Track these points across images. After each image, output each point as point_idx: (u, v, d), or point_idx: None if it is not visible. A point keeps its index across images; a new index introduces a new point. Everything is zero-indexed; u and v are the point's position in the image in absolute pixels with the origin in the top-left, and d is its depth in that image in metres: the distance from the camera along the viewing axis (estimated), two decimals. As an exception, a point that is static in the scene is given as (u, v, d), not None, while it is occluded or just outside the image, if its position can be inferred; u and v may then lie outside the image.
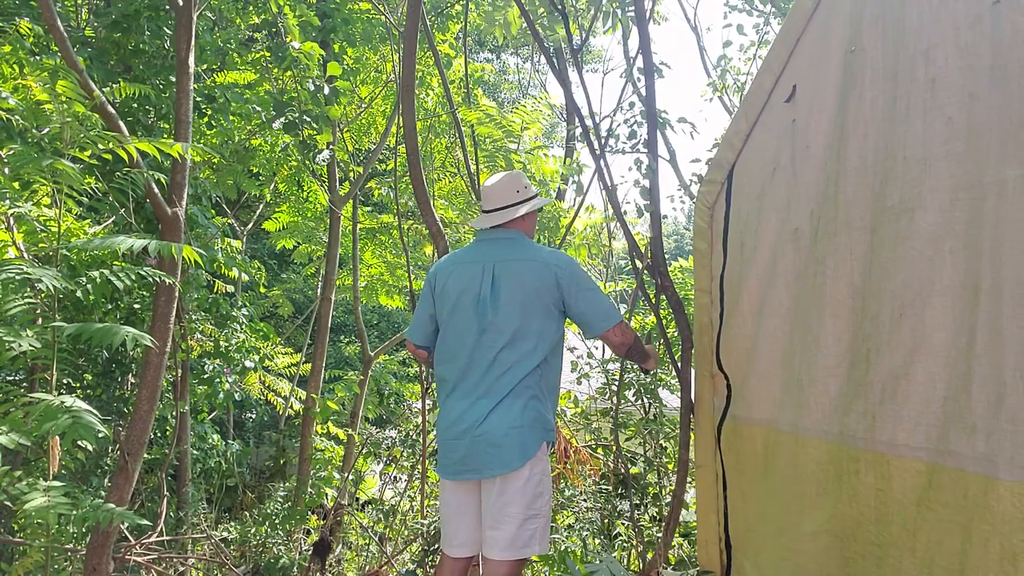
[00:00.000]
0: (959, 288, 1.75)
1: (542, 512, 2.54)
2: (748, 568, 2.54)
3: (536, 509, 2.52)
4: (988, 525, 1.64)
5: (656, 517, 4.27)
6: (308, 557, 5.02)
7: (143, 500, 5.45)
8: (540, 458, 2.55)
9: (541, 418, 2.57)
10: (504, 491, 2.50)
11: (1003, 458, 1.61)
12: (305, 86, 5.37)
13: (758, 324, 2.49)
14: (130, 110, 4.78)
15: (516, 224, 2.71)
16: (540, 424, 2.56)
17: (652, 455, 4.54)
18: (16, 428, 2.51)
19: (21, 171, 2.87)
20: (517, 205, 2.69)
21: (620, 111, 3.66)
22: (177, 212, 3.79)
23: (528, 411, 2.53)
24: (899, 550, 1.88)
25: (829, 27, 2.26)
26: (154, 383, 3.67)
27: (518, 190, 2.70)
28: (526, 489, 2.51)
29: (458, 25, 7.32)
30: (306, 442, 6.79)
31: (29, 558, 3.54)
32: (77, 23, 5.60)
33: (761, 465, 2.46)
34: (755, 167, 2.58)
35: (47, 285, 2.65)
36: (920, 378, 1.83)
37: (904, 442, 1.86)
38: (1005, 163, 1.66)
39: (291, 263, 10.97)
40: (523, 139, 5.71)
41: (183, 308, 5.15)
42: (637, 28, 3.31)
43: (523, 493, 2.51)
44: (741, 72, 6.57)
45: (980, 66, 1.75)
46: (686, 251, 12.87)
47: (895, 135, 1.97)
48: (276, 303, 10.97)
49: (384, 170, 9.68)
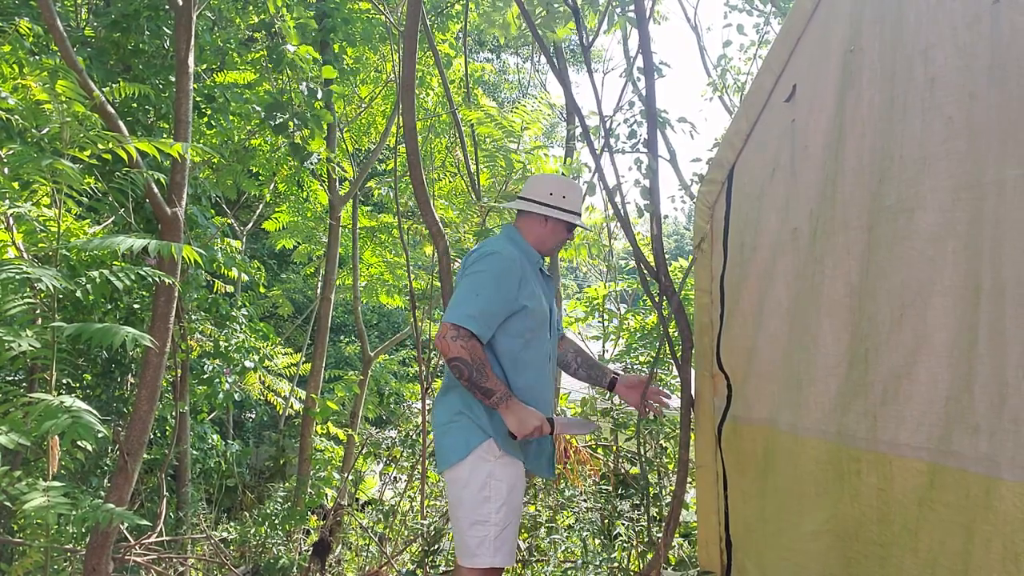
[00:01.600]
0: (960, 288, 1.75)
1: (492, 520, 2.35)
2: (749, 568, 2.54)
3: (483, 516, 2.35)
4: (990, 525, 1.64)
5: (656, 517, 4.27)
6: (308, 557, 5.02)
7: (143, 500, 5.45)
8: (484, 458, 2.37)
9: (473, 414, 2.40)
10: (448, 491, 2.44)
11: (1005, 458, 1.61)
12: (299, 89, 5.36)
13: (758, 324, 2.49)
14: (130, 110, 4.77)
15: (517, 219, 2.70)
16: (474, 421, 2.39)
17: (652, 455, 4.53)
18: (16, 428, 2.50)
19: (21, 171, 2.86)
20: (526, 201, 2.63)
21: (620, 111, 3.66)
22: (177, 212, 3.78)
23: (458, 405, 2.42)
24: (901, 550, 1.87)
25: (829, 27, 2.26)
26: (154, 383, 3.67)
27: (547, 193, 2.60)
28: (466, 492, 2.37)
29: (458, 25, 7.32)
30: (306, 442, 6.79)
31: (29, 558, 3.54)
32: (77, 23, 5.60)
33: (761, 465, 2.46)
34: (755, 167, 2.58)
35: (47, 285, 2.65)
36: (922, 378, 1.83)
37: (906, 442, 1.86)
38: (1005, 163, 1.66)
39: (291, 263, 10.97)
40: (523, 139, 5.71)
41: (183, 308, 5.15)
42: (637, 28, 3.31)
43: (463, 496, 2.37)
44: (741, 72, 6.57)
45: (979, 66, 1.75)
46: (686, 251, 12.87)
47: (893, 135, 1.97)
48: (276, 303, 10.98)
49: (384, 170, 9.68)
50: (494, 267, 2.41)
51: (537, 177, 2.73)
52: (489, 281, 2.38)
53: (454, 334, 2.28)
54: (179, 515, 5.71)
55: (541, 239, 2.61)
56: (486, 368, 2.29)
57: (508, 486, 2.39)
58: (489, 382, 2.30)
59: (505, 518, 2.37)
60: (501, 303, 2.38)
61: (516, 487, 2.43)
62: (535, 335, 2.49)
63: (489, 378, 2.30)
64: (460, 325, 2.29)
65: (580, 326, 6.14)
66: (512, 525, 2.41)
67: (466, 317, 2.30)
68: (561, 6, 4.56)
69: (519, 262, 2.46)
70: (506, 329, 2.42)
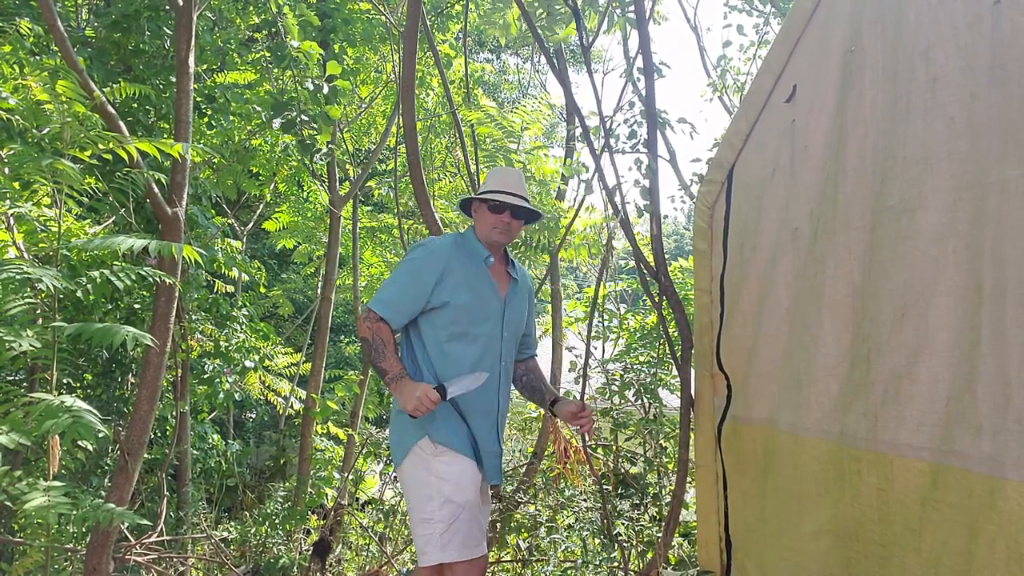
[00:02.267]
0: (962, 288, 1.75)
1: (436, 517, 2.34)
2: (749, 568, 2.54)
3: (427, 514, 2.36)
4: (994, 525, 1.64)
5: (656, 517, 4.27)
6: (308, 557, 5.03)
7: (143, 500, 5.45)
8: (421, 456, 2.40)
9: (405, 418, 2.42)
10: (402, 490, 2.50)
11: (1009, 458, 1.61)
12: (304, 86, 5.36)
13: (758, 324, 2.49)
14: (130, 110, 4.78)
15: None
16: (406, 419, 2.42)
17: (652, 455, 4.53)
18: (16, 428, 2.51)
19: (21, 171, 2.87)
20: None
21: (620, 111, 3.65)
22: (177, 212, 3.78)
23: (397, 403, 2.44)
24: (903, 550, 1.87)
25: (829, 27, 2.26)
26: (154, 383, 3.67)
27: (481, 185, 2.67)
28: (410, 491, 2.42)
29: (458, 25, 7.32)
30: (306, 442, 6.79)
31: (29, 558, 3.54)
32: (77, 23, 5.60)
33: (761, 465, 2.46)
34: (755, 167, 2.58)
35: (47, 285, 2.65)
36: (924, 378, 1.83)
37: (907, 442, 1.86)
38: (1006, 163, 1.66)
39: (291, 263, 10.98)
40: (523, 139, 5.71)
41: (183, 308, 5.15)
42: (637, 28, 3.31)
43: (409, 495, 2.43)
44: (741, 72, 6.56)
45: (980, 66, 1.75)
46: (686, 251, 12.87)
47: (895, 135, 1.97)
48: (276, 303, 10.98)
49: (384, 170, 9.68)
50: (416, 258, 2.50)
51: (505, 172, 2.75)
52: (406, 271, 2.49)
53: (365, 315, 2.44)
54: (179, 515, 5.71)
55: (480, 230, 2.60)
56: (386, 349, 2.37)
57: (453, 483, 2.37)
58: (385, 362, 2.36)
59: (451, 514, 2.35)
60: (413, 293, 2.45)
61: (463, 483, 2.39)
62: (466, 331, 2.47)
63: (386, 358, 2.36)
64: (371, 308, 2.43)
65: (580, 326, 6.15)
66: (462, 520, 2.36)
67: (377, 301, 2.44)
68: (562, 7, 4.56)
69: (447, 256, 2.48)
70: (431, 320, 2.47)
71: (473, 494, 2.41)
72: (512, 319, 2.61)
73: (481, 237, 2.59)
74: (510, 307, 2.60)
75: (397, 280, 2.49)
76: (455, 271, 2.47)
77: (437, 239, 2.59)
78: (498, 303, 2.56)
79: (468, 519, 2.37)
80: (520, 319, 2.67)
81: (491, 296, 2.55)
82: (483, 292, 2.53)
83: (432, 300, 2.44)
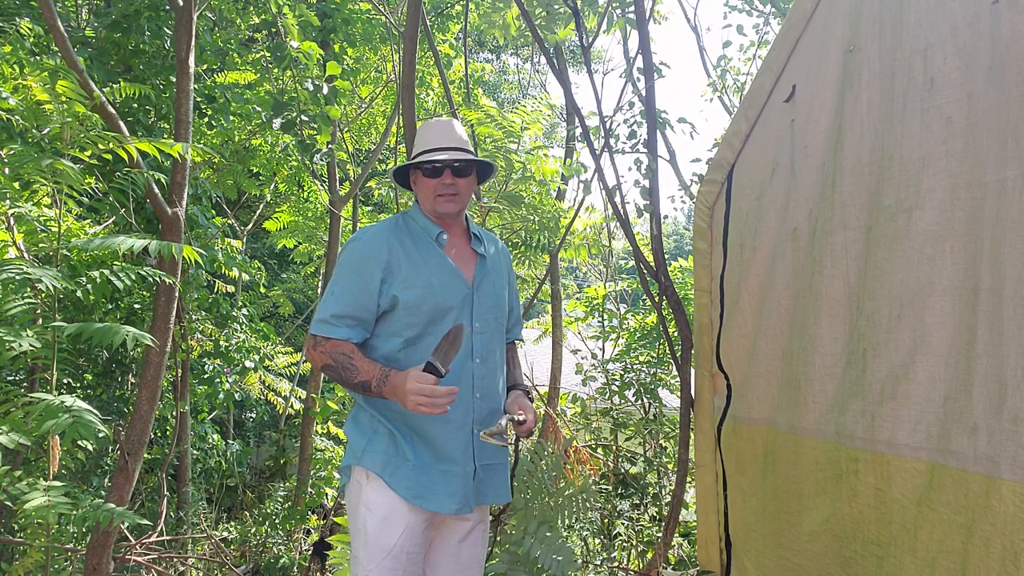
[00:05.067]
0: (959, 288, 1.75)
1: (360, 558, 1.94)
2: (748, 567, 2.54)
3: (354, 550, 1.98)
4: (990, 525, 1.64)
5: (656, 517, 4.27)
6: (308, 557, 5.03)
7: (143, 500, 5.46)
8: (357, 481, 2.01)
9: (349, 434, 2.07)
10: None
11: (1005, 458, 1.61)
12: (304, 86, 5.37)
13: (758, 324, 2.49)
14: (130, 110, 4.78)
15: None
16: (355, 430, 2.06)
17: (652, 455, 4.54)
18: (16, 428, 2.51)
19: (21, 171, 2.87)
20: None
21: (620, 111, 3.66)
22: (177, 212, 3.79)
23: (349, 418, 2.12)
24: (900, 550, 1.88)
25: (828, 27, 2.26)
26: (154, 383, 3.67)
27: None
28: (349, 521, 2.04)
29: (458, 25, 7.32)
30: (306, 442, 6.79)
31: (29, 558, 3.54)
32: (77, 23, 5.61)
33: (761, 465, 2.46)
34: (755, 167, 2.58)
35: (47, 285, 2.65)
36: (920, 378, 1.83)
37: (904, 442, 1.87)
38: (1004, 163, 1.66)
39: (291, 263, 10.98)
40: (523, 139, 5.70)
41: (183, 308, 5.15)
42: (637, 28, 3.32)
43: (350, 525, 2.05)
44: (741, 72, 6.57)
45: (978, 66, 1.75)
46: (686, 251, 12.87)
47: (892, 135, 1.97)
48: (276, 303, 10.98)
49: (384, 170, 9.68)
50: (348, 257, 2.04)
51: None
52: (342, 275, 2.02)
53: (312, 343, 2.00)
54: (179, 515, 5.71)
55: (424, 203, 2.10)
56: (353, 362, 1.93)
57: (378, 519, 1.93)
58: (360, 376, 1.91)
59: (375, 560, 1.91)
60: (360, 300, 1.98)
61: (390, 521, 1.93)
62: (423, 333, 1.98)
63: (359, 371, 1.92)
64: (314, 334, 1.99)
65: (580, 326, 6.15)
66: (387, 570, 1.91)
67: (318, 324, 1.99)
68: (561, 7, 4.56)
69: (386, 244, 2.00)
70: (380, 328, 2.02)
71: (404, 539, 1.93)
72: (485, 305, 2.08)
73: (427, 211, 2.09)
74: (480, 292, 2.07)
75: (335, 290, 2.00)
76: (399, 261, 1.99)
77: (371, 226, 2.11)
78: (464, 289, 2.04)
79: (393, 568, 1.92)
80: (497, 303, 2.12)
81: (452, 282, 2.03)
82: (441, 280, 2.01)
83: (381, 302, 1.97)
